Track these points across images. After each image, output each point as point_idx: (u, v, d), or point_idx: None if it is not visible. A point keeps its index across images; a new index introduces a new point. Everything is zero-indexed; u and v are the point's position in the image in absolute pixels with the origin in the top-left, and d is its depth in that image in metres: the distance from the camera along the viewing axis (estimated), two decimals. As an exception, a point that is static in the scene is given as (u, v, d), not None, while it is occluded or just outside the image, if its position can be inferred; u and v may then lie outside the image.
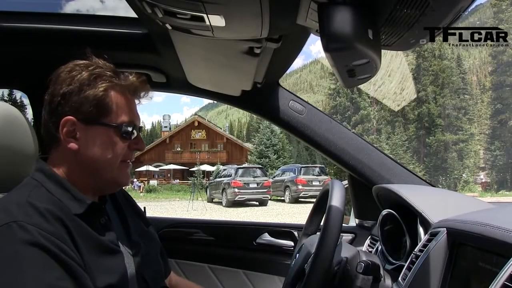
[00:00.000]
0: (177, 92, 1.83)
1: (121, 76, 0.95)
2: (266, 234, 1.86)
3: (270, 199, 17.63)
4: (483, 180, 34.69)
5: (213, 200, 18.72)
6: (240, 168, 18.07)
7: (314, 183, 17.33)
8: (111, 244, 0.90)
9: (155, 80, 1.62)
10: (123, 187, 1.05)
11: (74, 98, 0.88)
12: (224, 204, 16.74)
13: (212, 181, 19.89)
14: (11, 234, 0.75)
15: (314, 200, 1.35)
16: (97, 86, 0.89)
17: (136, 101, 0.99)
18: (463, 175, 32.16)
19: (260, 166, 21.53)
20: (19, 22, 1.37)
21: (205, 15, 0.79)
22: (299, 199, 17.42)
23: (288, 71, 1.60)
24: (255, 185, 16.59)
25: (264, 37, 0.99)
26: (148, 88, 1.00)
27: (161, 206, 16.42)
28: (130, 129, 0.94)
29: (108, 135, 0.91)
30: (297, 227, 1.85)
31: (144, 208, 1.32)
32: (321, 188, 1.28)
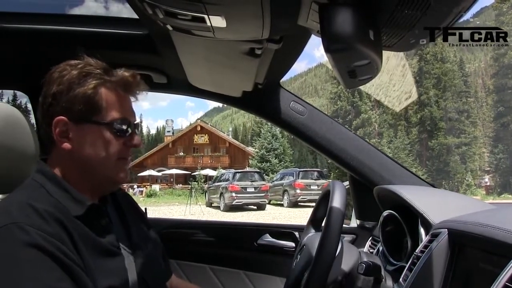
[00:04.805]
0: (178, 93, 1.83)
1: (112, 73, 0.93)
2: (267, 235, 1.86)
3: (269, 203, 17.52)
4: (488, 184, 34.48)
5: (212, 205, 18.61)
6: (238, 172, 17.99)
7: (312, 187, 17.19)
8: (110, 246, 0.90)
9: (156, 81, 1.63)
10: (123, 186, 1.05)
11: (64, 97, 0.87)
12: (222, 209, 16.66)
13: (211, 185, 19.79)
14: (10, 235, 0.74)
15: (312, 204, 1.35)
16: (86, 84, 0.88)
17: (133, 99, 0.97)
18: (466, 178, 32.01)
19: (258, 170, 21.42)
20: (20, 23, 1.38)
21: (206, 16, 0.79)
22: (298, 203, 17.26)
23: (292, 75, 1.62)
24: (253, 190, 16.49)
25: (265, 38, 0.99)
26: (140, 83, 0.97)
27: (159, 211, 16.12)
28: (123, 126, 0.92)
29: (101, 133, 0.90)
30: (298, 228, 1.85)
31: (145, 209, 1.32)
32: (319, 192, 1.28)
